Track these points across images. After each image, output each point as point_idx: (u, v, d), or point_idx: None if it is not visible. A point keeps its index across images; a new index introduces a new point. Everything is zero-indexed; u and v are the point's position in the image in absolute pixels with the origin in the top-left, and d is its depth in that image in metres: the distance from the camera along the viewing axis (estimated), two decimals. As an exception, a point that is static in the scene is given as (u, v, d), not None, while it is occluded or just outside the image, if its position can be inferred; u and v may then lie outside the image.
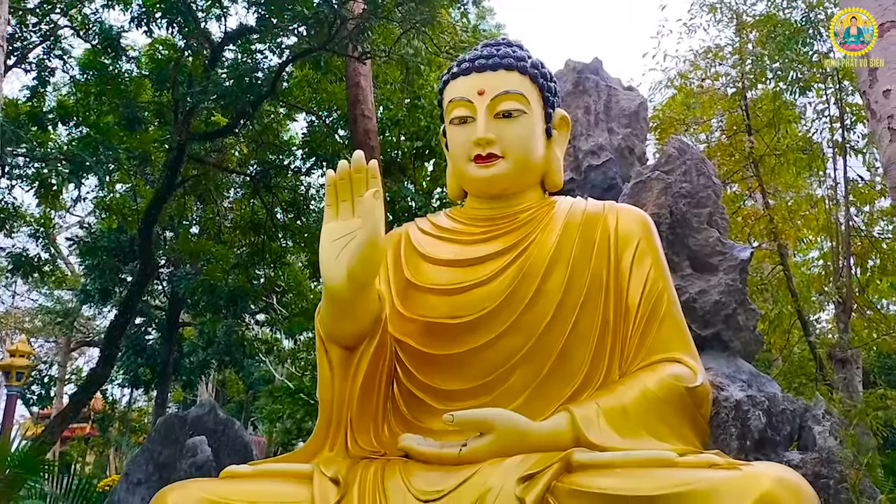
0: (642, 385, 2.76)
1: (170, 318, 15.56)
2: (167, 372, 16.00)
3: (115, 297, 15.05)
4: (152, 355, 16.66)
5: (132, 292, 11.63)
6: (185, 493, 2.53)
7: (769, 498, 1.98)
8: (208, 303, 13.43)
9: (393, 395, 3.08)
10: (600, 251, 3.12)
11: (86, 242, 13.56)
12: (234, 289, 12.84)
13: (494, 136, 3.19)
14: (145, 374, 17.72)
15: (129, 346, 15.97)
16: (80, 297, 16.59)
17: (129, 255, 13.49)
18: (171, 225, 15.23)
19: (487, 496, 2.30)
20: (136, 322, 16.15)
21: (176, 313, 15.66)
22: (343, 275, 2.69)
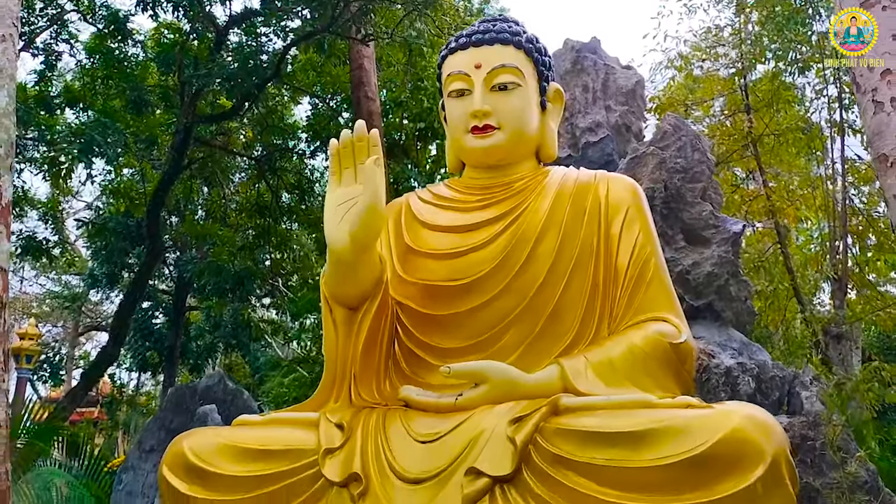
0: (629, 341, 2.92)
1: (176, 303, 15.73)
2: (174, 356, 16.16)
3: (122, 281, 15.22)
4: (159, 339, 16.80)
5: (141, 272, 11.83)
6: (200, 437, 2.72)
7: (739, 433, 2.14)
8: (215, 286, 13.59)
9: (394, 353, 3.25)
10: (591, 218, 3.27)
11: (94, 224, 13.74)
12: (241, 270, 13.00)
13: (490, 107, 3.34)
14: (153, 358, 17.88)
15: (136, 330, 16.12)
16: (88, 281, 16.75)
17: (137, 238, 13.66)
18: (177, 209, 15.36)
19: (481, 437, 2.47)
20: (143, 306, 16.31)
21: (182, 297, 15.83)
22: (346, 238, 2.85)
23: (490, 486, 2.36)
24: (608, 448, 2.27)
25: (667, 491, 2.16)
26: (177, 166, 11.18)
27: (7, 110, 4.60)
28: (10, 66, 4.70)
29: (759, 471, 2.10)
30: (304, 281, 14.81)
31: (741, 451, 2.12)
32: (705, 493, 2.12)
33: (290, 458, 2.61)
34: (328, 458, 2.56)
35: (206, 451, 2.65)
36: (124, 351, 17.40)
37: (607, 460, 2.25)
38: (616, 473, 2.23)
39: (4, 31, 4.66)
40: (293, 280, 15.87)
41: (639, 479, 2.19)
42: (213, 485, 2.60)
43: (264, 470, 2.59)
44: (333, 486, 2.52)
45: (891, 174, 3.83)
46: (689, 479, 2.14)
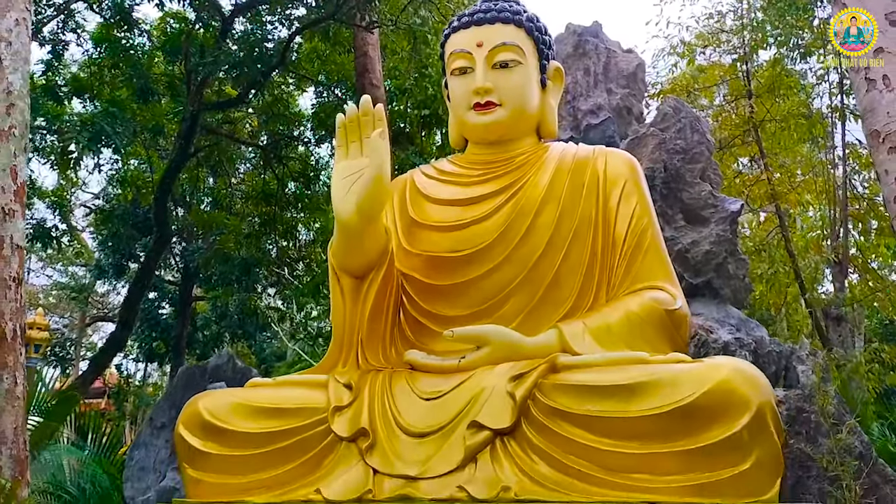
0: (626, 307, 3.04)
1: (183, 293, 15.87)
2: (181, 346, 16.29)
3: (128, 272, 15.36)
4: (166, 329, 16.95)
5: (148, 259, 11.98)
6: (215, 398, 2.86)
7: (726, 384, 2.26)
8: (222, 274, 13.73)
9: (399, 321, 3.37)
10: (589, 191, 3.38)
11: (102, 211, 13.90)
12: (247, 258, 13.14)
13: (492, 84, 3.44)
14: (159, 349, 18.04)
15: (143, 321, 16.28)
16: (95, 272, 16.88)
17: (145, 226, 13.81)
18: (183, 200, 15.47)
19: (482, 394, 2.59)
20: (149, 297, 16.45)
21: (189, 288, 15.97)
22: (353, 208, 2.97)
23: (491, 439, 2.49)
24: (603, 400, 2.39)
25: (658, 439, 2.28)
26: (183, 154, 11.32)
27: (21, 92, 4.73)
28: (24, 49, 4.83)
29: (744, 419, 2.22)
30: (309, 267, 14.96)
31: (728, 402, 2.24)
32: (694, 441, 2.24)
33: (301, 416, 2.74)
34: (337, 416, 2.69)
35: (220, 410, 2.78)
36: (131, 341, 17.56)
37: (601, 412, 2.37)
38: (610, 424, 2.35)
39: (18, 15, 4.79)
40: (299, 268, 16.01)
41: (631, 429, 2.31)
42: (228, 441, 2.74)
43: (276, 427, 2.72)
44: (342, 441, 2.65)
45: (882, 150, 3.94)
46: (678, 427, 2.26)
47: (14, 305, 4.36)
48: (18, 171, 4.54)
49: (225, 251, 12.83)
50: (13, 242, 4.42)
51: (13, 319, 4.34)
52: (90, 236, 20.14)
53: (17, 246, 4.44)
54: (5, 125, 4.55)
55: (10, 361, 4.27)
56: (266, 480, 2.67)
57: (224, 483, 2.71)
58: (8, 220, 4.43)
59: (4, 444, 4.17)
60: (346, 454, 2.62)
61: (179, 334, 15.73)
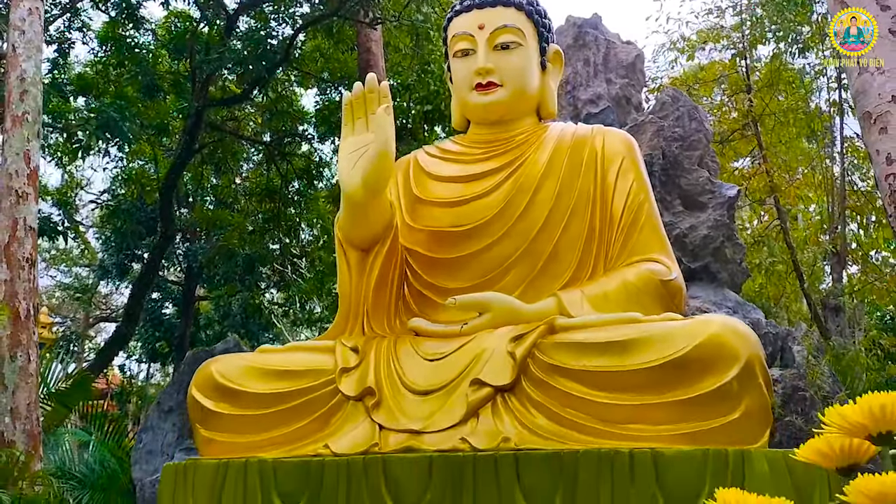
0: (623, 277, 3.15)
1: (186, 292, 15.97)
2: (184, 345, 16.35)
3: (131, 272, 15.47)
4: (169, 328, 17.02)
5: (154, 254, 12.11)
6: (226, 361, 2.97)
7: (716, 338, 2.37)
8: (226, 271, 13.83)
9: (403, 294, 3.47)
10: (588, 168, 3.48)
11: (108, 206, 14.03)
12: (251, 254, 13.26)
13: (493, 65, 3.55)
14: (162, 349, 18.13)
15: (146, 320, 16.37)
16: (98, 272, 16.97)
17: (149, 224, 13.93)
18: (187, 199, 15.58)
19: (483, 354, 2.70)
20: (153, 297, 16.55)
21: (192, 287, 16.06)
22: (359, 181, 3.08)
23: (492, 395, 2.60)
24: (599, 356, 2.50)
25: (652, 391, 2.38)
26: (188, 150, 11.45)
27: (34, 79, 4.85)
28: (37, 38, 4.95)
29: (734, 370, 2.32)
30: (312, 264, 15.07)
31: (718, 354, 2.35)
32: (686, 392, 2.35)
33: (309, 377, 2.85)
34: (344, 376, 2.80)
35: (232, 373, 2.90)
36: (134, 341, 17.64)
37: (598, 367, 2.48)
38: (606, 377, 2.46)
39: (31, 4, 4.91)
40: (302, 265, 16.12)
41: (626, 382, 2.42)
42: (240, 402, 2.85)
43: (286, 387, 2.83)
44: (349, 401, 2.76)
45: (874, 130, 4.04)
46: (671, 379, 2.36)
47: (27, 286, 4.47)
48: (31, 156, 4.65)
49: (229, 248, 12.95)
50: (26, 224, 4.54)
51: (27, 299, 4.45)
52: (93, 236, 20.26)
53: (30, 228, 4.56)
54: (19, 111, 4.66)
55: (23, 339, 4.38)
56: (276, 438, 2.78)
57: (236, 441, 2.82)
58: (21, 203, 4.54)
59: (18, 420, 4.28)
60: (353, 412, 2.73)
61: (182, 334, 15.82)
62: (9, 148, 4.60)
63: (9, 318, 4.30)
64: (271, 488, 2.54)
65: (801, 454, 1.10)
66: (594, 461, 2.24)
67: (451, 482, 2.36)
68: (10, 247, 4.44)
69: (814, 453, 1.06)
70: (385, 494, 2.40)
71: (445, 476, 2.37)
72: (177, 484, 2.72)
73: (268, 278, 15.91)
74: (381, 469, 2.44)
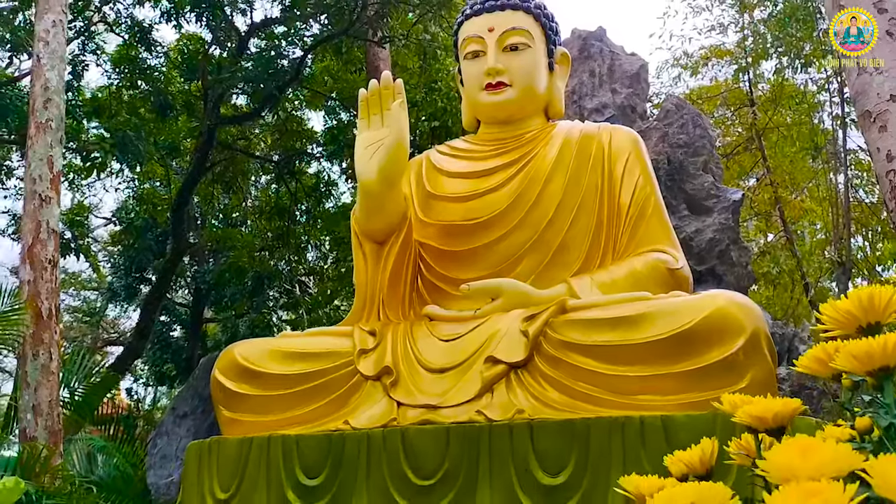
0: (631, 265, 3.25)
1: (194, 315, 16.04)
2: (191, 368, 16.39)
3: (139, 295, 15.59)
4: (177, 351, 17.07)
5: (166, 267, 12.25)
6: (249, 345, 3.08)
7: (722, 310, 2.46)
8: (233, 292, 13.93)
9: (417, 287, 3.58)
10: (595, 163, 3.60)
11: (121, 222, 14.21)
12: (261, 272, 13.38)
13: (503, 66, 3.68)
14: (170, 371, 18.17)
15: (154, 342, 16.44)
16: (107, 295, 17.07)
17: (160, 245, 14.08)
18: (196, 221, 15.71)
19: (497, 333, 2.80)
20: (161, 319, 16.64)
21: (200, 309, 16.13)
22: (375, 172, 3.20)
23: (506, 372, 2.69)
24: (609, 331, 2.59)
25: (660, 362, 2.47)
26: (200, 167, 11.63)
27: (58, 88, 5.00)
28: (61, 48, 5.12)
29: (740, 341, 2.41)
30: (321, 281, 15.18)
31: (724, 326, 2.44)
32: (694, 362, 2.43)
33: (329, 359, 2.95)
34: (363, 357, 2.90)
35: (255, 356, 3.00)
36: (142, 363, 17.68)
37: (608, 341, 2.57)
38: (616, 351, 2.55)
39: (55, 17, 5.08)
40: (310, 284, 16.21)
41: (636, 354, 2.51)
42: (262, 383, 2.95)
43: (307, 368, 2.93)
44: (367, 381, 2.86)
45: (874, 129, 4.15)
46: (679, 351, 2.45)
47: (50, 286, 4.59)
48: (54, 161, 4.79)
49: (239, 265, 13.07)
50: (49, 227, 4.67)
51: (49, 299, 4.57)
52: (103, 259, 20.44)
53: (52, 230, 4.68)
54: (43, 118, 4.81)
55: (45, 338, 4.49)
56: (297, 417, 2.88)
57: (258, 421, 2.91)
58: (45, 206, 4.67)
59: (40, 416, 4.38)
60: (372, 392, 2.82)
61: (190, 356, 15.86)
62: (33, 154, 4.74)
63: (31, 317, 4.41)
64: (294, 462, 2.63)
65: (801, 364, 1.19)
66: (606, 427, 2.33)
67: (468, 451, 2.44)
68: (34, 248, 4.56)
69: (812, 361, 1.16)
70: (404, 464, 2.48)
71: (462, 445, 2.46)
72: (201, 460, 2.81)
73: (275, 300, 16.00)
74: (400, 440, 2.53)
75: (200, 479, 2.79)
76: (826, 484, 0.71)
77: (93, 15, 13.07)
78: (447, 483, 2.43)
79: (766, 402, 1.01)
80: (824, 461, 0.76)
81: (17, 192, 15.06)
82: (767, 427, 0.99)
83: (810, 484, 0.71)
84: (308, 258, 16.15)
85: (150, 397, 27.11)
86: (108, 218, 16.44)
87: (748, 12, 10.56)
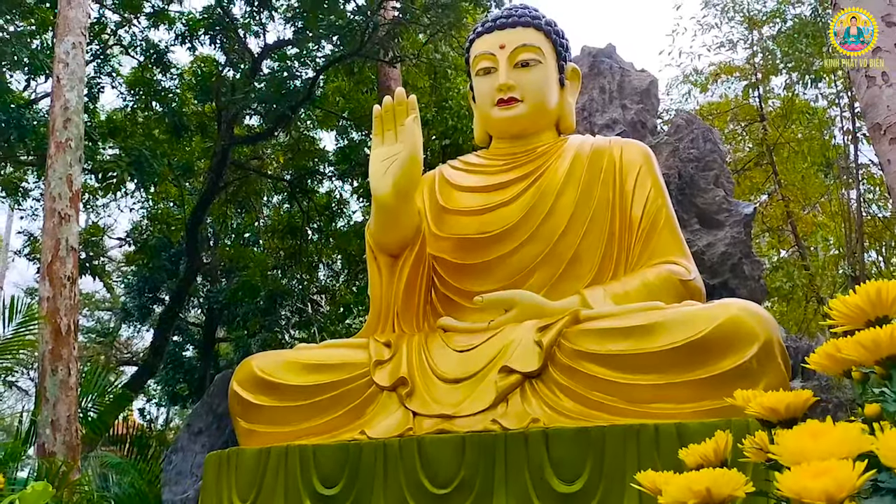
0: (643, 277, 3.28)
1: (206, 334, 16.13)
2: (204, 387, 16.44)
3: (153, 315, 15.69)
4: (190, 370, 17.15)
5: (180, 287, 12.34)
6: (266, 358, 3.12)
7: (735, 319, 2.48)
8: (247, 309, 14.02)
9: (431, 299, 3.61)
10: (606, 176, 3.64)
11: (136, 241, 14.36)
12: (273, 290, 13.46)
13: (514, 82, 3.74)
14: (183, 391, 18.23)
15: (167, 362, 16.53)
16: (120, 315, 17.19)
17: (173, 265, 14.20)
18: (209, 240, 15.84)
19: (511, 344, 2.83)
20: (174, 339, 16.75)
21: (212, 329, 16.23)
22: (389, 186, 3.25)
23: (520, 382, 2.72)
24: (623, 340, 2.61)
25: (674, 371, 2.49)
26: (214, 187, 11.75)
27: (77, 108, 5.10)
28: (80, 69, 5.23)
29: (753, 349, 2.43)
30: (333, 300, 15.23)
31: (737, 334, 2.46)
32: (708, 370, 2.45)
33: (345, 370, 2.98)
34: (378, 369, 2.94)
35: (272, 368, 3.04)
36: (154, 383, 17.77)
37: (622, 350, 2.59)
38: (630, 360, 2.57)
39: (75, 39, 5.19)
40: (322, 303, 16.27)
41: (650, 363, 2.53)
42: (279, 394, 2.98)
43: (323, 380, 2.97)
44: (383, 391, 2.89)
45: (884, 141, 4.17)
46: (693, 359, 2.47)
47: (69, 302, 4.65)
48: (73, 180, 4.87)
49: (252, 283, 13.16)
50: (68, 244, 4.74)
51: (68, 315, 4.63)
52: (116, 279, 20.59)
53: (71, 248, 4.75)
54: (62, 138, 4.90)
55: (64, 354, 4.55)
56: (314, 428, 2.91)
57: (275, 432, 2.94)
58: (64, 224, 4.75)
59: (59, 431, 4.42)
60: (387, 402, 2.85)
61: (203, 375, 15.92)
62: (52, 172, 4.83)
63: (50, 333, 4.47)
64: (311, 471, 2.65)
65: (813, 361, 1.22)
66: (620, 435, 2.35)
67: (484, 459, 2.46)
68: (53, 265, 4.64)
69: (823, 358, 1.19)
70: (420, 473, 2.51)
71: (478, 454, 2.48)
72: (220, 471, 2.84)
73: (287, 319, 16.07)
74: (416, 450, 2.55)
75: (219, 489, 2.82)
76: (836, 462, 0.74)
77: (109, 38, 13.30)
78: (463, 491, 2.46)
79: (778, 394, 1.04)
80: (834, 443, 0.79)
81: (32, 213, 15.26)
82: (780, 418, 1.02)
83: (821, 463, 0.74)
84: (320, 276, 16.24)
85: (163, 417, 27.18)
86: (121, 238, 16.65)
87: (757, 29, 10.62)
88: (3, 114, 8.65)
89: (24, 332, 4.50)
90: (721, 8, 11.09)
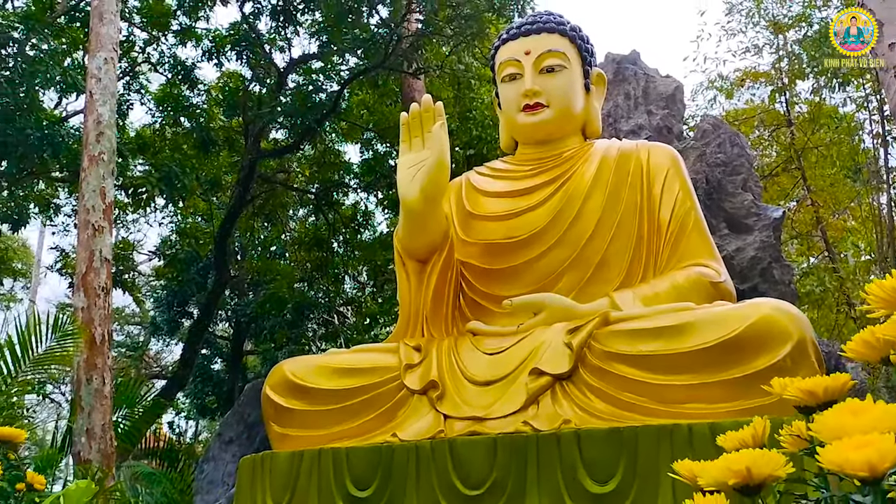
0: (673, 279, 3.26)
1: (234, 347, 16.28)
2: (232, 399, 16.58)
3: (182, 328, 15.88)
4: (219, 383, 17.31)
5: (209, 299, 12.49)
6: (299, 362, 3.15)
7: (767, 318, 2.46)
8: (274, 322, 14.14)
9: (459, 304, 3.63)
10: (634, 180, 3.63)
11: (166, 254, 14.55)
12: (300, 302, 13.56)
13: (540, 88, 3.75)
14: (211, 403, 18.40)
15: (196, 376, 16.70)
16: (150, 329, 17.40)
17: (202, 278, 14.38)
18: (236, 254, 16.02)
19: (542, 346, 2.83)
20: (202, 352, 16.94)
21: (240, 342, 16.39)
22: (417, 192, 3.28)
23: (551, 384, 2.72)
24: (654, 340, 2.61)
25: (707, 370, 2.48)
26: (241, 200, 11.90)
27: (110, 122, 5.20)
28: (112, 84, 5.33)
29: (787, 348, 2.41)
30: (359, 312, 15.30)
31: (770, 333, 2.44)
32: (742, 370, 2.44)
33: (376, 374, 3.01)
34: (409, 372, 2.96)
35: (304, 372, 3.07)
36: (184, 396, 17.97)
37: (654, 351, 2.59)
38: (662, 360, 2.56)
39: (107, 54, 5.30)
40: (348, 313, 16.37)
41: (682, 363, 2.52)
42: (311, 398, 3.01)
43: (354, 384, 2.99)
44: (414, 395, 2.90)
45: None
46: (726, 359, 2.46)
47: (103, 313, 4.74)
48: (107, 192, 4.97)
49: (279, 295, 13.29)
50: (102, 256, 4.82)
51: (102, 325, 4.71)
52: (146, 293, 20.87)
53: (105, 259, 4.84)
54: (95, 151, 5.00)
55: (98, 363, 4.62)
56: (346, 431, 2.93)
57: (308, 436, 2.97)
58: (97, 236, 4.84)
59: (94, 439, 4.49)
60: (418, 405, 2.87)
61: (231, 388, 16.05)
62: (86, 185, 4.93)
63: (85, 343, 4.55)
64: (344, 474, 2.67)
65: (849, 349, 1.22)
66: (654, 435, 2.34)
67: (516, 461, 2.47)
68: (87, 276, 4.73)
69: (860, 345, 1.18)
70: (453, 475, 2.51)
71: (510, 455, 2.48)
72: (254, 474, 2.87)
73: (314, 331, 16.17)
74: (448, 452, 2.56)
75: (253, 493, 2.85)
76: (878, 436, 0.74)
77: (137, 56, 13.55)
78: (495, 492, 2.46)
79: (816, 378, 1.04)
80: (876, 419, 0.79)
81: (64, 229, 15.53)
82: (819, 402, 1.02)
83: (863, 436, 0.75)
84: (346, 288, 16.33)
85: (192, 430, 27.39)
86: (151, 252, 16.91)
87: (783, 33, 10.54)
88: (37, 131, 8.85)
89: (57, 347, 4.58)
90: (746, 13, 11.04)
